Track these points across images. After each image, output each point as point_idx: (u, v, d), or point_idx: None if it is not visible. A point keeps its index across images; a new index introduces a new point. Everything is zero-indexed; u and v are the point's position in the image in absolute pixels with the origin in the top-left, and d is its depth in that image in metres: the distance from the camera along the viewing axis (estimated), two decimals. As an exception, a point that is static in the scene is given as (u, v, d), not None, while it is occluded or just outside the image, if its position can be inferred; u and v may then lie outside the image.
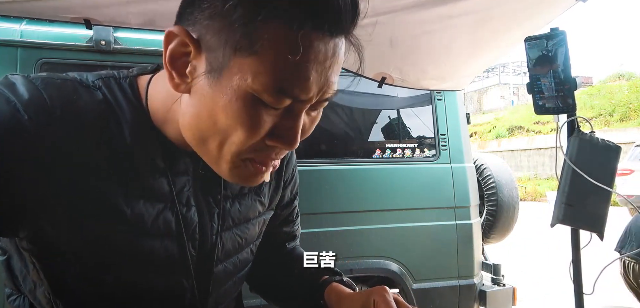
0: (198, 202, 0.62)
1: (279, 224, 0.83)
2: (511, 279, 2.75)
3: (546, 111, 1.32)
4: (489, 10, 1.31)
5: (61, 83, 0.51)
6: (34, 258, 0.53)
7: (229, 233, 0.66)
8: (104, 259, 0.54)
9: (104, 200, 0.52)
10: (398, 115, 2.53)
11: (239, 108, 0.46)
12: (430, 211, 2.39)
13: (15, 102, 0.47)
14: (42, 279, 0.54)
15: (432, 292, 2.36)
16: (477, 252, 2.48)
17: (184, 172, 0.59)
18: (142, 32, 2.00)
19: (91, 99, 0.52)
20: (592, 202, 1.27)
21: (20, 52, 1.83)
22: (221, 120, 0.47)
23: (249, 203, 0.69)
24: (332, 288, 0.73)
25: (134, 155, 0.54)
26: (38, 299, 0.57)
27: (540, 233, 7.36)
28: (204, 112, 0.48)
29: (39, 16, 1.26)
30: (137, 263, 0.56)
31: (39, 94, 0.48)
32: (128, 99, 0.55)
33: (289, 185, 0.80)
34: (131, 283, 0.57)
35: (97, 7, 1.24)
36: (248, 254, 0.73)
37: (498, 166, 2.99)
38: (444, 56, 1.64)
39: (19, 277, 0.58)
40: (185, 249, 0.59)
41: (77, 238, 0.52)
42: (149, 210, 0.55)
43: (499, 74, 28.61)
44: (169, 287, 0.60)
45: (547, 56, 1.27)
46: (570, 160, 1.28)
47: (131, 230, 0.54)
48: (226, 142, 0.49)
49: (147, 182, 0.55)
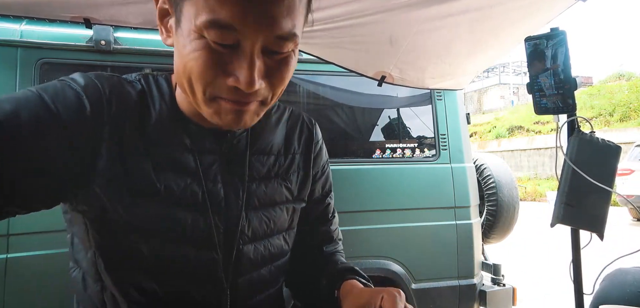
0: (224, 179, 0.67)
1: (314, 221, 0.84)
2: (511, 279, 2.75)
3: (546, 111, 1.32)
4: (489, 9, 1.31)
5: (109, 76, 0.62)
6: (86, 220, 0.61)
7: (255, 213, 0.70)
8: (139, 226, 0.60)
9: (140, 173, 0.60)
10: (398, 115, 2.53)
11: (192, 50, 0.53)
12: (430, 211, 2.38)
13: (77, 88, 0.57)
14: (90, 241, 0.62)
15: (432, 292, 2.36)
16: (477, 252, 2.48)
17: (211, 150, 0.66)
18: (142, 32, 2.00)
19: (132, 90, 0.62)
20: (592, 202, 1.27)
21: (20, 52, 1.82)
22: (185, 64, 0.54)
23: (275, 187, 0.73)
24: (348, 282, 0.73)
25: (163, 136, 0.62)
26: (88, 264, 0.64)
27: (540, 233, 7.36)
28: (177, 60, 0.56)
29: (38, 15, 1.26)
30: (169, 233, 0.62)
31: (94, 83, 0.59)
32: (160, 90, 0.65)
33: (319, 180, 0.83)
34: (164, 253, 0.62)
35: (97, 7, 1.24)
36: (281, 242, 0.75)
37: (498, 166, 2.98)
38: (444, 55, 1.64)
39: (77, 249, 0.67)
40: (211, 221, 0.65)
41: (116, 205, 0.59)
42: (178, 182, 0.62)
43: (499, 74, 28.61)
44: (200, 260, 0.64)
45: (547, 56, 1.27)
46: (570, 160, 1.28)
47: (162, 201, 0.61)
48: (192, 82, 0.55)
49: (175, 157, 0.63)
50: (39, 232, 1.77)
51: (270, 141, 0.74)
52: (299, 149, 0.79)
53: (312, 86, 2.37)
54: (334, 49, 1.57)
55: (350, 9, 1.28)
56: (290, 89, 2.29)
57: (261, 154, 0.72)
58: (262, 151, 0.72)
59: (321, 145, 0.84)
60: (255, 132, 0.72)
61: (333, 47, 1.54)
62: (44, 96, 0.55)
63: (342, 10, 1.29)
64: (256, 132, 0.72)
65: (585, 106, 17.28)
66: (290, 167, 0.76)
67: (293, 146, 0.78)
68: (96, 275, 0.63)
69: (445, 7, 1.29)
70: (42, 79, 1.85)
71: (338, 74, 2.19)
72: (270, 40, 0.53)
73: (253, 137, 0.71)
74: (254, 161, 0.71)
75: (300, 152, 0.79)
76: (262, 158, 0.72)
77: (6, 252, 1.72)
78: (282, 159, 0.75)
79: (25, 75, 1.81)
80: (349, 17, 1.32)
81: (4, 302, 1.71)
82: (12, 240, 1.73)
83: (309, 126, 0.82)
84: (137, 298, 0.62)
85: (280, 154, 0.75)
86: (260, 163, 0.71)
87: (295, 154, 0.78)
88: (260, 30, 0.51)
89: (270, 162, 0.73)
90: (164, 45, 2.03)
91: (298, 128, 0.80)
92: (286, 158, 0.76)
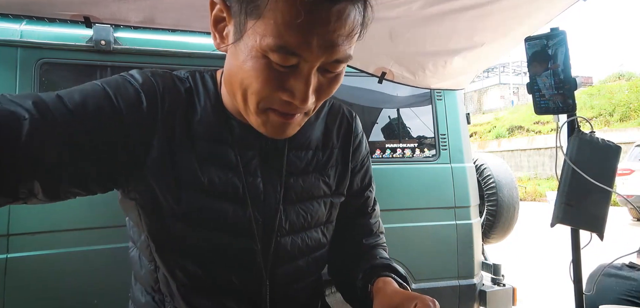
0: (263, 173, 0.70)
1: (353, 215, 0.85)
2: (511, 279, 2.74)
3: (546, 111, 1.32)
4: (489, 6, 1.31)
5: (163, 74, 0.66)
6: (138, 206, 0.65)
7: (292, 207, 0.73)
8: (185, 215, 0.64)
9: (186, 166, 0.64)
10: (398, 115, 2.52)
11: (252, 65, 0.55)
12: (430, 211, 2.38)
13: (136, 85, 0.62)
14: (143, 226, 0.66)
15: (432, 292, 2.34)
16: (477, 252, 2.48)
17: (251, 146, 0.69)
18: (142, 32, 2.00)
19: (182, 87, 0.66)
20: (592, 202, 1.27)
21: (20, 52, 1.82)
22: (241, 76, 0.57)
23: (312, 181, 0.75)
24: (382, 279, 0.74)
25: (207, 130, 0.66)
26: (141, 246, 0.70)
27: (540, 233, 7.36)
28: (233, 69, 0.59)
29: (38, 14, 1.26)
30: (211, 223, 0.66)
31: (150, 80, 0.64)
32: (206, 88, 0.69)
33: (358, 173, 0.84)
34: (206, 241, 0.66)
35: (97, 5, 1.23)
36: (319, 235, 0.77)
37: (498, 166, 2.98)
38: (444, 54, 1.64)
39: (132, 231, 0.73)
40: (251, 214, 0.68)
41: (164, 194, 0.63)
42: (220, 175, 0.66)
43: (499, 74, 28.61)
44: (240, 249, 0.68)
45: (547, 56, 1.27)
46: (570, 160, 1.28)
47: (205, 193, 0.65)
48: (247, 94, 0.59)
49: (217, 152, 0.66)
50: (39, 232, 1.77)
51: (308, 136, 0.76)
52: (337, 143, 0.80)
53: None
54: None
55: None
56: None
57: (299, 149, 0.75)
58: (300, 146, 0.75)
59: (361, 139, 0.85)
60: None
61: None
62: (108, 90, 0.60)
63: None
64: None
65: (585, 106, 17.28)
66: (328, 162, 0.78)
67: (332, 141, 0.79)
68: (150, 256, 0.69)
69: (446, 6, 1.28)
70: (42, 79, 1.85)
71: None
72: (328, 63, 0.56)
73: None
74: (292, 156, 0.73)
75: (339, 146, 0.80)
76: (300, 154, 0.75)
77: (6, 252, 1.72)
78: (320, 154, 0.77)
79: (25, 75, 1.81)
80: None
81: (3, 302, 1.71)
82: (12, 240, 1.73)
83: (348, 119, 0.83)
84: (184, 281, 0.67)
85: (319, 149, 0.77)
86: (298, 158, 0.74)
87: (334, 148, 0.80)
88: (321, 55, 0.54)
89: (308, 156, 0.75)
90: (163, 45, 2.05)
91: (337, 122, 0.81)
92: (324, 153, 0.78)
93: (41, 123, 0.52)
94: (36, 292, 1.76)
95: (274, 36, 0.51)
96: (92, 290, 1.82)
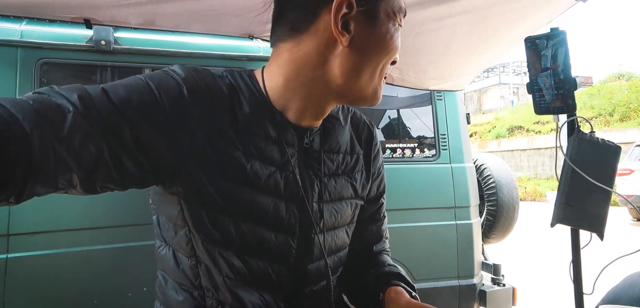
0: (301, 171, 0.73)
1: (366, 220, 0.89)
2: (511, 279, 2.75)
3: (546, 111, 1.32)
4: (489, 9, 1.31)
5: (203, 70, 0.67)
6: (181, 200, 0.66)
7: (327, 206, 0.76)
8: (228, 208, 0.66)
9: (230, 159, 0.65)
10: (398, 115, 2.53)
11: (390, 37, 0.67)
12: (430, 211, 2.39)
13: (178, 79, 0.63)
14: (185, 219, 0.67)
15: (432, 292, 2.36)
16: (477, 252, 2.48)
17: (292, 143, 0.71)
18: (143, 32, 2.00)
19: (222, 83, 0.68)
20: (592, 202, 1.27)
21: (20, 52, 1.82)
22: (382, 53, 0.67)
23: (343, 183, 0.79)
24: (395, 289, 0.78)
25: (251, 125, 0.67)
26: (179, 242, 0.70)
27: (540, 233, 7.36)
28: (364, 52, 0.66)
29: (38, 15, 1.26)
30: (253, 216, 0.68)
31: (192, 75, 0.65)
32: (247, 84, 0.70)
33: (376, 179, 0.89)
34: (248, 234, 0.68)
35: (97, 7, 1.24)
36: (344, 235, 0.81)
37: (498, 166, 2.98)
38: (444, 56, 1.64)
39: (165, 228, 0.72)
40: (290, 209, 0.70)
41: (210, 187, 0.64)
42: (263, 170, 0.68)
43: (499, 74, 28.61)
44: (278, 243, 0.70)
45: (547, 56, 1.27)
46: (570, 160, 1.28)
47: (249, 185, 0.67)
48: (377, 68, 0.68)
49: (262, 147, 0.68)
50: (39, 232, 1.77)
51: (339, 140, 0.80)
52: (362, 149, 0.85)
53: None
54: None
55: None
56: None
57: (331, 152, 0.78)
58: (332, 149, 0.78)
59: (379, 147, 0.89)
60: (326, 130, 0.78)
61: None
62: (151, 84, 0.61)
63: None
64: (327, 130, 0.78)
65: (585, 106, 17.28)
66: (355, 166, 0.82)
67: (357, 146, 0.84)
68: (191, 251, 0.69)
69: (445, 8, 1.29)
70: (42, 79, 1.85)
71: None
72: None
73: (325, 135, 0.77)
74: (326, 158, 0.77)
75: (363, 152, 0.85)
76: (332, 156, 0.78)
77: (6, 252, 1.72)
78: (348, 158, 0.81)
79: (25, 75, 1.81)
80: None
81: (3, 302, 1.71)
82: (12, 240, 1.73)
83: (369, 128, 0.88)
84: (227, 272, 0.68)
85: (347, 153, 0.81)
86: (331, 160, 0.77)
87: (359, 154, 0.84)
88: None
89: (338, 159, 0.79)
90: (164, 45, 2.05)
91: (360, 129, 0.86)
92: (352, 157, 0.82)
93: (85, 117, 0.53)
94: (36, 292, 1.76)
95: (400, 2, 0.68)
96: (92, 290, 1.82)
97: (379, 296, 0.78)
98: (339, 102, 0.73)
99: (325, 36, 0.66)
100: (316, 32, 0.66)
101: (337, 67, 0.67)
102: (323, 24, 0.65)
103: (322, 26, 0.66)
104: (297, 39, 0.67)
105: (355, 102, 0.72)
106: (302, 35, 0.67)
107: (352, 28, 0.65)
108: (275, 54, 0.71)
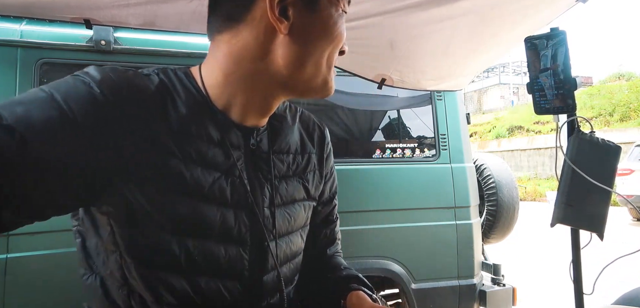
0: (250, 175, 0.67)
1: (320, 223, 0.85)
2: (511, 279, 2.75)
3: (546, 111, 1.32)
4: (489, 10, 1.31)
5: (124, 69, 0.60)
6: (111, 221, 0.58)
7: (279, 211, 0.71)
8: (169, 224, 0.59)
9: (166, 168, 0.58)
10: (398, 115, 2.53)
11: (334, 23, 0.63)
12: (430, 211, 2.38)
13: (89, 81, 0.55)
14: (117, 242, 0.59)
15: (432, 292, 2.36)
16: (477, 252, 2.48)
17: (237, 145, 0.66)
18: (142, 32, 2.00)
19: (150, 82, 0.60)
20: (592, 202, 1.27)
21: (20, 52, 1.82)
22: (334, 37, 0.63)
23: (295, 185, 0.74)
24: (356, 294, 0.73)
25: (189, 128, 0.61)
26: (110, 269, 0.61)
27: (540, 233, 7.36)
28: (305, 40, 0.62)
29: (39, 16, 1.26)
30: (198, 230, 0.61)
31: (108, 76, 0.56)
32: (183, 82, 0.63)
33: (328, 181, 0.85)
34: (195, 250, 0.61)
35: (97, 8, 1.24)
36: (299, 239, 0.76)
37: (498, 166, 2.98)
38: (444, 57, 1.64)
39: (93, 254, 0.63)
40: (239, 218, 0.64)
41: (145, 202, 0.57)
42: (206, 177, 0.61)
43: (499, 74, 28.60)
44: (229, 257, 0.64)
45: (547, 56, 1.27)
46: (570, 160, 1.28)
47: (191, 195, 0.60)
48: (323, 57, 0.63)
49: (203, 151, 0.61)
50: (39, 232, 1.77)
51: (288, 140, 0.75)
52: (314, 149, 0.81)
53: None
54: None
55: (350, 12, 1.28)
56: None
57: (281, 153, 0.73)
58: (282, 150, 0.74)
59: (330, 147, 0.86)
60: (274, 129, 0.73)
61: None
62: (56, 96, 0.52)
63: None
64: (275, 130, 0.73)
65: (585, 106, 17.28)
66: (307, 166, 0.78)
67: (308, 146, 0.80)
68: (122, 279, 0.60)
69: (445, 9, 1.28)
70: (42, 79, 1.85)
71: (338, 74, 2.19)
72: None
73: (273, 135, 0.72)
74: (275, 159, 0.72)
75: (315, 152, 0.81)
76: (282, 157, 0.73)
77: (6, 252, 1.72)
78: (299, 158, 0.77)
79: (25, 75, 1.81)
80: (349, 20, 1.32)
81: (3, 302, 1.71)
82: (12, 240, 1.73)
83: (320, 127, 0.84)
84: (170, 300, 0.60)
85: (298, 153, 0.77)
86: (281, 161, 0.73)
87: (311, 153, 0.80)
88: None
89: (289, 160, 0.74)
90: (164, 45, 2.05)
91: (310, 128, 0.82)
92: (303, 157, 0.78)
93: None
94: (36, 292, 1.76)
95: None
96: (93, 291, 1.82)
97: (340, 302, 0.74)
98: (288, 95, 0.67)
99: (263, 24, 0.60)
100: (253, 21, 0.61)
101: (280, 58, 0.62)
102: (260, 11, 0.60)
103: (259, 14, 0.60)
104: (234, 29, 0.62)
105: (305, 94, 0.67)
106: (239, 25, 0.61)
107: (290, 14, 0.60)
108: (212, 48, 0.65)
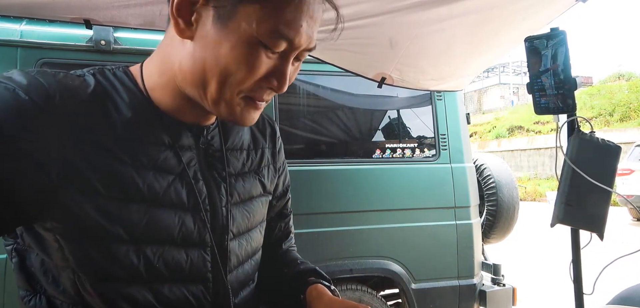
0: (205, 175, 0.65)
1: (275, 217, 0.85)
2: (511, 279, 2.75)
3: (546, 111, 1.32)
4: (489, 11, 1.31)
5: (55, 73, 0.55)
6: (58, 237, 0.53)
7: (237, 208, 0.69)
8: (124, 234, 0.55)
9: (116, 175, 0.55)
10: (398, 115, 2.53)
11: (243, 51, 0.53)
12: (430, 211, 2.39)
13: (14, 87, 0.49)
14: (67, 258, 0.54)
15: (432, 292, 2.36)
16: (477, 252, 2.48)
17: (188, 147, 0.63)
18: (142, 32, 2.00)
19: (85, 84, 0.56)
20: (592, 202, 1.27)
21: (20, 52, 1.83)
22: (226, 62, 0.53)
23: (251, 181, 0.73)
24: (315, 287, 0.73)
25: (136, 131, 0.57)
26: (61, 287, 0.57)
27: (540, 233, 7.37)
28: (209, 56, 0.54)
29: (39, 16, 1.26)
30: (157, 236, 0.58)
31: (37, 80, 0.52)
32: (123, 82, 0.59)
33: (281, 174, 0.84)
34: (155, 258, 0.58)
35: (97, 8, 1.24)
36: (258, 235, 0.75)
37: (498, 166, 2.99)
38: (444, 57, 1.64)
39: (37, 273, 0.58)
40: (198, 220, 0.62)
41: (95, 213, 0.53)
42: (160, 181, 0.58)
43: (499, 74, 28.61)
44: (192, 261, 0.62)
45: (547, 56, 1.27)
46: (570, 160, 1.28)
47: (145, 201, 0.57)
48: (227, 82, 0.55)
49: (155, 155, 0.59)
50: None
51: (240, 136, 0.74)
52: (266, 144, 0.80)
53: (313, 87, 2.37)
54: (334, 50, 1.57)
55: (351, 11, 1.28)
56: (291, 91, 2.29)
57: (235, 150, 0.72)
58: (236, 146, 0.72)
59: (281, 141, 0.85)
60: (226, 127, 0.71)
61: (333, 49, 1.54)
62: None
63: (342, 13, 1.30)
64: (227, 128, 0.71)
65: (585, 106, 17.28)
66: (261, 161, 0.77)
67: (260, 141, 0.78)
68: (76, 296, 0.56)
69: (445, 9, 1.29)
70: (42, 80, 1.86)
71: (338, 74, 2.19)
72: (303, 50, 0.57)
73: (225, 133, 0.71)
74: (229, 156, 0.70)
75: (268, 146, 0.80)
76: (236, 154, 0.72)
77: (6, 253, 1.72)
78: (253, 154, 0.76)
79: (25, 76, 1.82)
80: (350, 19, 1.32)
81: (3, 301, 1.71)
82: (12, 240, 1.73)
83: (270, 122, 0.83)
84: None
85: (251, 149, 0.76)
86: (235, 158, 0.71)
87: (264, 148, 0.79)
88: (304, 44, 0.56)
89: (243, 156, 0.73)
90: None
91: (260, 123, 0.81)
92: (257, 153, 0.77)
93: None
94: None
95: (274, 21, 0.52)
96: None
97: (299, 297, 0.73)
98: (204, 107, 0.61)
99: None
100: (173, 18, 0.55)
101: (184, 65, 0.57)
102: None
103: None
104: (169, 26, 0.58)
105: (218, 115, 0.63)
106: (170, 22, 0.57)
107: (194, 20, 0.53)
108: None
